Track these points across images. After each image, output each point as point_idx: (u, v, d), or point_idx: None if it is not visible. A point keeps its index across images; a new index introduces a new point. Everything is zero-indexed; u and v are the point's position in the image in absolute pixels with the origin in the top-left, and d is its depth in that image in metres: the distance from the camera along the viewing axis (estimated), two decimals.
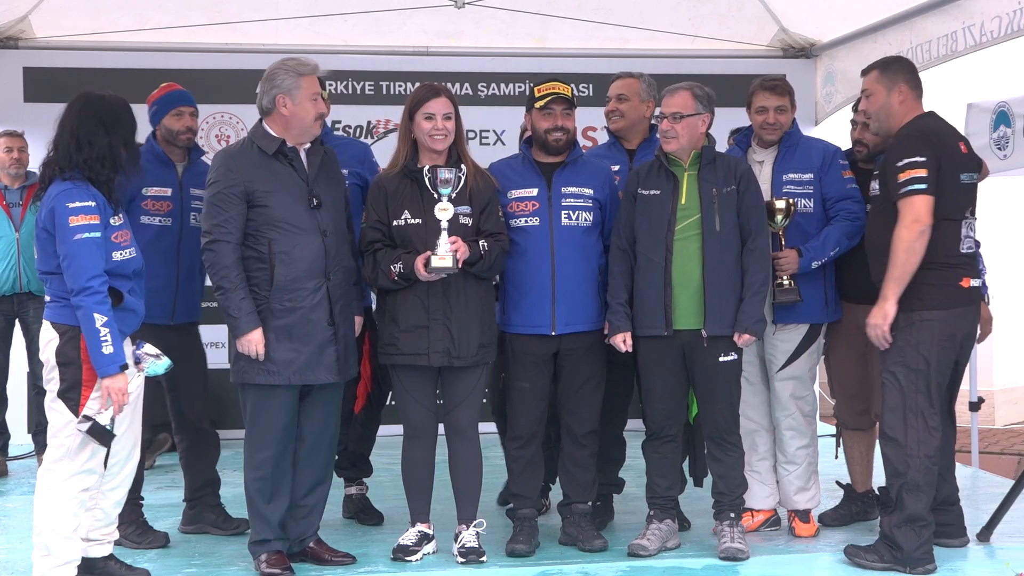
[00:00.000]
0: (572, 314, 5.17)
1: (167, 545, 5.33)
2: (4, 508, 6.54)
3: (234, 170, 4.82)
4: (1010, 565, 4.38)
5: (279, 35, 8.05)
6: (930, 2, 7.11)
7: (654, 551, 5.13)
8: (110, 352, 4.38)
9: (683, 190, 5.09)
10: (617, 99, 5.60)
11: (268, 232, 4.81)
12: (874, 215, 5.12)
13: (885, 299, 4.83)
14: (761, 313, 5.07)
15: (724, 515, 5.17)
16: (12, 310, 7.20)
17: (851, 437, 5.71)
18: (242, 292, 4.75)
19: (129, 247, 4.62)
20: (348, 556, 5.11)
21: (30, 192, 7.18)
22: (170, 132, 5.45)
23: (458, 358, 5.01)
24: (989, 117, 7.18)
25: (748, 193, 5.08)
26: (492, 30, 8.28)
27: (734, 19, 8.37)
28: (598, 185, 5.25)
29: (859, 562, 4.92)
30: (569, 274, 5.16)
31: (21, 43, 8.19)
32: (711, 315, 5.03)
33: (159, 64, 8.10)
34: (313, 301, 4.86)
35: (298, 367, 4.83)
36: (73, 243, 4.40)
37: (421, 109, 5.03)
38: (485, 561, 5.03)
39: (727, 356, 5.05)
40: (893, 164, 4.88)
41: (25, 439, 7.70)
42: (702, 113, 5.09)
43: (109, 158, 4.53)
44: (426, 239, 4.95)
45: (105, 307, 4.40)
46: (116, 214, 4.59)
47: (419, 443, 5.16)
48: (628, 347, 5.12)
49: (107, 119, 4.57)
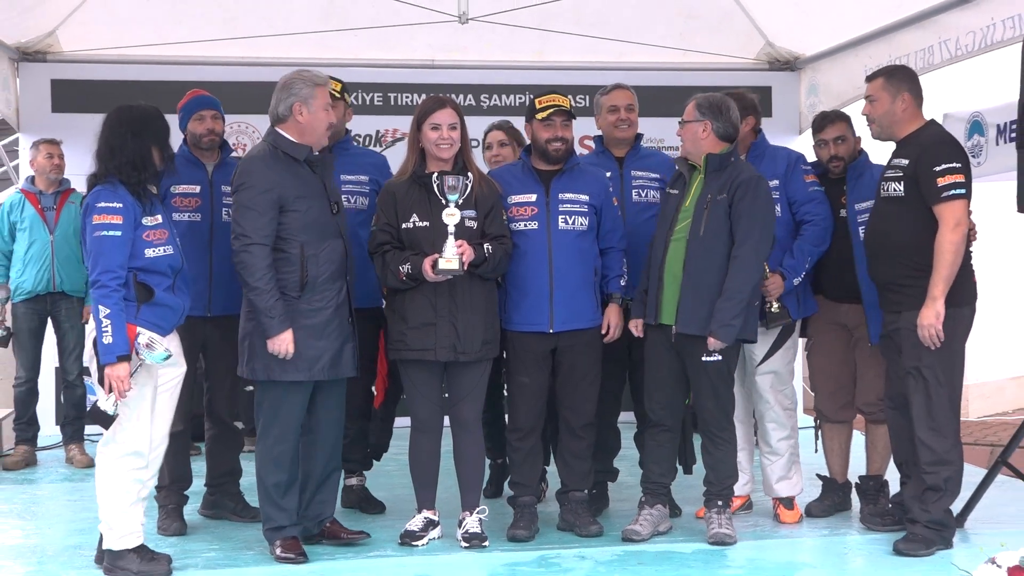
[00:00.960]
0: (568, 313, 5.16)
1: (184, 533, 5.32)
2: (34, 496, 6.54)
3: (268, 176, 4.79)
4: (983, 549, 4.36)
5: (292, 49, 8.04)
6: (908, 18, 7.11)
7: (647, 535, 5.12)
8: (110, 342, 4.40)
9: (690, 193, 5.11)
10: (627, 109, 5.58)
11: (300, 236, 4.79)
12: (895, 216, 4.99)
13: (935, 299, 4.79)
14: (730, 319, 4.93)
15: (712, 503, 5.16)
16: (45, 309, 7.20)
17: (831, 430, 5.69)
18: (276, 294, 4.73)
19: (164, 245, 4.63)
20: (363, 533, 5.14)
21: (63, 197, 7.21)
22: (193, 135, 5.46)
23: (463, 354, 5.00)
24: (964, 126, 7.16)
25: (742, 202, 4.99)
26: (494, 44, 8.28)
27: (723, 34, 8.37)
28: (594, 192, 5.24)
29: (913, 553, 4.87)
30: (566, 275, 5.15)
31: (49, 57, 8.19)
32: (682, 313, 5.02)
33: (178, 76, 8.08)
34: (338, 301, 4.87)
35: (324, 363, 4.83)
36: (93, 239, 4.51)
37: (428, 120, 5.03)
38: (487, 546, 5.03)
39: (709, 357, 5.01)
40: (930, 169, 4.84)
41: (53, 430, 7.71)
42: (701, 120, 5.08)
43: (139, 162, 4.59)
44: (433, 241, 4.95)
45: (111, 300, 4.43)
46: (150, 214, 4.60)
47: (426, 436, 5.16)
48: (638, 332, 5.20)
49: (135, 126, 4.63)
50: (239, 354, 4.93)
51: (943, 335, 4.82)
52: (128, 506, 4.63)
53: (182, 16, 7.86)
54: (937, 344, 4.84)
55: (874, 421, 5.51)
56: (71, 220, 7.13)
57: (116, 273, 4.46)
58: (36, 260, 7.10)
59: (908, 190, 4.94)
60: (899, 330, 4.96)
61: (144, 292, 4.54)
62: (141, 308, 4.55)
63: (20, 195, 7.24)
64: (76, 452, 7.25)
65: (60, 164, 7.23)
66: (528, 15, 7.72)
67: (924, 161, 4.89)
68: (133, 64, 8.19)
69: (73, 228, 7.13)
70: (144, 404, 4.59)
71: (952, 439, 4.94)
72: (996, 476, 5.35)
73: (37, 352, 7.25)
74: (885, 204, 5.05)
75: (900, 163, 5.00)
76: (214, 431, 5.55)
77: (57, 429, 7.62)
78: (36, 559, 5.03)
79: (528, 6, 7.64)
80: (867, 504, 5.49)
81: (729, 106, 5.11)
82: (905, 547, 4.91)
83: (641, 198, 5.54)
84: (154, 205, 4.65)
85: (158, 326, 4.58)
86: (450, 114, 5.03)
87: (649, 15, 8.05)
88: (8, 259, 7.17)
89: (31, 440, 7.31)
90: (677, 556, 4.91)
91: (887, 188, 5.04)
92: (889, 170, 5.06)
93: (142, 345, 4.48)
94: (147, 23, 7.88)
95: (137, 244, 4.55)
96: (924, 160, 4.90)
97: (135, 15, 7.79)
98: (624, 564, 4.79)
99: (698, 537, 5.16)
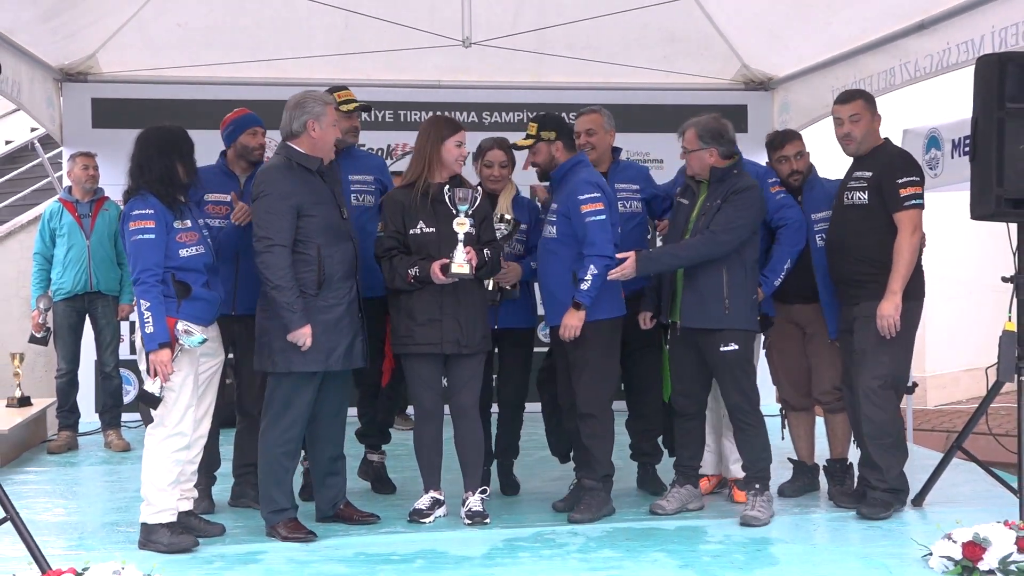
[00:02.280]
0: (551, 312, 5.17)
1: (212, 512, 5.32)
2: (76, 477, 6.55)
3: (286, 185, 4.81)
4: (940, 526, 4.37)
5: (311, 71, 8.04)
6: (872, 42, 7.13)
7: (672, 511, 5.14)
8: (151, 331, 4.50)
9: (697, 204, 5.16)
10: (586, 133, 5.51)
11: (317, 239, 4.81)
12: (858, 221, 5.11)
13: (895, 293, 4.95)
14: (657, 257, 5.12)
15: (750, 486, 5.13)
16: (83, 307, 7.21)
17: (796, 417, 5.72)
18: (296, 291, 4.74)
19: (196, 245, 4.70)
20: (374, 515, 5.15)
21: (98, 205, 7.22)
22: (246, 148, 5.44)
23: (466, 346, 5.03)
24: (922, 141, 7.18)
25: (727, 206, 5.01)
26: (495, 66, 8.29)
27: (703, 57, 8.38)
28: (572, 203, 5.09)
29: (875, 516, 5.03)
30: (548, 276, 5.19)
31: (90, 77, 8.20)
32: (685, 311, 5.06)
33: (208, 95, 8.10)
34: (349, 298, 4.89)
35: (338, 355, 4.84)
36: (131, 244, 4.61)
37: (453, 138, 5.09)
38: (488, 523, 5.04)
39: (727, 346, 5.02)
40: (894, 180, 5.02)
41: (93, 417, 7.72)
42: (707, 148, 5.09)
43: (166, 177, 4.68)
44: (439, 245, 4.97)
45: (151, 295, 4.52)
46: (180, 219, 4.68)
47: (429, 423, 5.16)
48: (646, 325, 5.29)
49: (162, 145, 4.72)
50: (255, 349, 4.94)
51: (900, 325, 4.94)
52: (166, 485, 4.66)
53: (212, 41, 7.87)
54: (893, 334, 4.95)
55: (831, 411, 5.54)
56: (105, 226, 7.16)
57: (154, 271, 4.55)
58: (74, 263, 7.11)
59: (872, 199, 5.06)
60: (856, 319, 5.08)
61: (183, 289, 4.62)
62: (181, 304, 4.61)
63: (59, 204, 7.25)
64: (114, 437, 7.26)
65: (95, 175, 7.24)
66: (525, 40, 7.74)
67: (888, 173, 5.03)
68: (167, 84, 8.20)
69: (108, 233, 7.16)
70: (186, 389, 4.64)
71: (892, 413, 5.09)
72: (952, 460, 5.36)
73: (76, 346, 7.25)
74: (848, 211, 5.15)
75: (864, 175, 5.12)
76: (242, 424, 5.52)
77: (96, 416, 7.63)
78: (77, 535, 5.04)
79: (525, 32, 7.66)
80: (834, 485, 5.51)
81: (726, 127, 5.15)
82: (868, 511, 5.03)
83: (626, 209, 5.52)
84: (183, 211, 4.71)
85: (198, 318, 4.65)
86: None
87: (635, 40, 8.05)
88: (50, 263, 7.18)
89: (72, 426, 7.33)
90: (661, 532, 4.92)
91: (851, 197, 5.14)
92: (852, 181, 5.17)
93: (181, 331, 4.55)
94: (180, 47, 7.89)
95: (171, 246, 4.62)
96: (888, 172, 5.04)
97: (168, 40, 7.79)
98: (613, 539, 4.80)
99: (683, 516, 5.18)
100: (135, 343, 4.68)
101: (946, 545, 4.23)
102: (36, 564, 4.05)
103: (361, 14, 7.41)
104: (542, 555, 4.59)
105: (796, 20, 7.42)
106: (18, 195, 11.01)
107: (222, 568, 4.47)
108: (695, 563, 4.43)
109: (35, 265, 7.22)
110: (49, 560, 4.07)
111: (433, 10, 7.48)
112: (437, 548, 4.69)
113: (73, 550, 4.70)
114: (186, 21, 7.65)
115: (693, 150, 5.13)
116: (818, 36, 7.49)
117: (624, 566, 4.42)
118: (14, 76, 6.99)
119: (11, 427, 6.95)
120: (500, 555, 4.60)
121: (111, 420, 7.31)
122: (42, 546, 4.14)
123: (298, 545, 4.76)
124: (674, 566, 4.41)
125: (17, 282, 9.61)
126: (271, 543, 4.80)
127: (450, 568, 4.43)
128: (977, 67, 5.00)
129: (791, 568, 4.38)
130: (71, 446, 7.24)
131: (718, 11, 7.79)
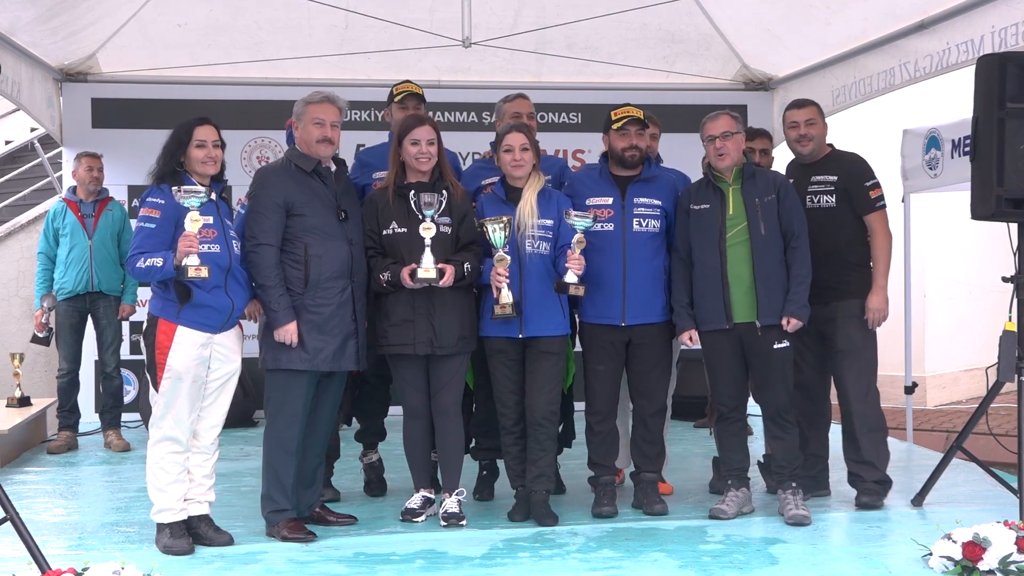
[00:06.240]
0: (640, 308, 5.13)
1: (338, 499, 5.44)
2: (76, 477, 6.54)
3: (275, 184, 4.83)
4: (940, 526, 4.37)
5: (312, 71, 8.06)
6: (871, 42, 7.13)
7: (732, 515, 5.11)
8: (160, 264, 4.46)
9: (729, 202, 5.08)
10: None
11: (304, 238, 4.81)
12: (827, 223, 5.23)
13: (883, 288, 5.24)
14: (805, 300, 5.00)
15: (787, 485, 5.11)
16: (85, 307, 7.20)
17: None
18: (281, 289, 4.75)
19: (212, 243, 4.59)
20: (351, 517, 5.12)
21: (102, 205, 7.23)
22: None
23: (440, 347, 4.99)
24: (922, 141, 7.17)
25: (787, 200, 5.05)
26: (495, 66, 8.29)
27: (703, 57, 8.39)
28: (666, 197, 5.19)
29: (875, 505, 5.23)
30: (638, 273, 5.12)
31: (90, 77, 8.21)
32: (763, 308, 5.01)
33: (208, 95, 8.12)
34: (341, 300, 4.86)
35: (326, 356, 4.83)
36: (136, 227, 4.66)
37: (408, 136, 5.02)
38: (465, 525, 5.01)
39: (780, 343, 5.02)
40: (862, 184, 5.27)
41: (93, 418, 7.72)
42: (742, 131, 5.16)
43: (169, 172, 4.65)
44: (411, 247, 4.94)
45: (138, 259, 4.50)
46: (202, 214, 4.52)
47: (416, 423, 5.14)
48: (695, 343, 5.14)
49: (169, 144, 4.72)
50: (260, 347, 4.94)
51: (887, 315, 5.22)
52: (164, 485, 4.63)
53: (212, 41, 7.87)
54: (880, 325, 5.23)
55: None
56: (108, 226, 7.15)
57: (143, 251, 4.52)
58: (76, 263, 7.11)
59: (840, 202, 5.28)
60: (834, 319, 5.24)
61: (184, 293, 4.51)
62: (183, 309, 4.54)
63: (62, 203, 7.26)
64: (113, 437, 7.26)
65: (99, 176, 7.25)
66: (525, 40, 7.74)
67: (855, 177, 5.28)
68: (166, 84, 8.21)
69: (110, 233, 7.16)
70: (179, 397, 4.58)
71: (879, 408, 5.34)
72: (952, 460, 5.35)
73: (78, 346, 7.24)
74: (813, 214, 5.23)
75: (829, 179, 5.32)
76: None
77: (96, 416, 7.63)
78: (77, 535, 5.03)
79: (525, 32, 7.66)
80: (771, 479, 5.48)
81: None
82: (868, 500, 5.23)
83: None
84: (206, 206, 4.58)
85: (203, 325, 4.58)
86: (428, 131, 5.02)
87: (634, 40, 8.07)
88: (53, 263, 7.18)
89: (73, 427, 7.32)
90: (661, 532, 4.91)
91: (816, 200, 5.30)
92: (813, 185, 5.32)
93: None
94: (179, 47, 7.89)
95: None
96: (855, 177, 5.28)
97: (168, 40, 7.80)
98: (613, 539, 4.79)
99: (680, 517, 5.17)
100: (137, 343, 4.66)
101: (946, 545, 4.23)
102: (36, 564, 4.04)
103: (361, 14, 7.41)
104: (542, 555, 4.58)
105: (796, 20, 7.42)
106: (18, 195, 11.02)
107: (222, 568, 4.46)
108: (695, 563, 4.42)
109: (39, 265, 7.21)
110: (49, 560, 4.06)
111: (433, 10, 7.48)
112: (437, 548, 4.67)
113: (73, 550, 4.69)
114: (186, 21, 7.65)
115: (735, 132, 5.07)
116: (818, 36, 7.50)
117: (624, 566, 4.41)
118: (14, 76, 6.99)
119: (11, 427, 6.94)
120: (500, 555, 4.59)
121: (111, 420, 7.31)
122: (42, 546, 4.12)
123: (298, 545, 4.75)
124: (674, 566, 4.40)
125: (17, 282, 9.61)
126: (271, 543, 4.79)
127: (450, 568, 4.42)
128: (977, 67, 5.00)
129: (791, 568, 4.37)
130: (71, 446, 7.24)
131: (718, 11, 7.79)
